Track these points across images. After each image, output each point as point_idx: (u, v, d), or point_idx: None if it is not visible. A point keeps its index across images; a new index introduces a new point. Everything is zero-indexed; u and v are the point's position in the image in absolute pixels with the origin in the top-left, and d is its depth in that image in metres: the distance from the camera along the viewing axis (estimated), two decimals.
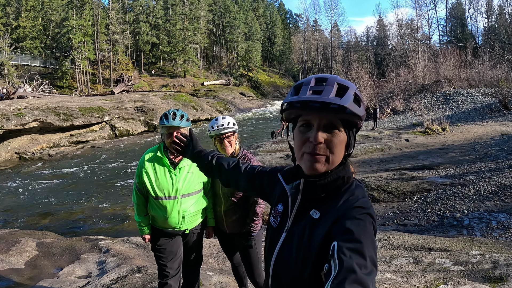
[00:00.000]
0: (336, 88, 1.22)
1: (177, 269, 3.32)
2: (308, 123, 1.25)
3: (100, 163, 18.69)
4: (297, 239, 1.27)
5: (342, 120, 1.23)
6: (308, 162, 1.24)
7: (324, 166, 1.24)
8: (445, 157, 12.19)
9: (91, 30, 47.26)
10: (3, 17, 47.27)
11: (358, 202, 1.20)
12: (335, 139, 1.22)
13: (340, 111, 1.19)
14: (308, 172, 1.26)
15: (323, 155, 1.23)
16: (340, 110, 1.19)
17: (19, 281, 4.80)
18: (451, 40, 59.21)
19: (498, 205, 7.56)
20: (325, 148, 1.22)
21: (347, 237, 1.08)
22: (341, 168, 1.29)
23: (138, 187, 3.27)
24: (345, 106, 1.18)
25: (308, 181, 1.29)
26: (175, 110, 3.18)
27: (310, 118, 1.24)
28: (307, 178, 1.29)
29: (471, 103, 25.69)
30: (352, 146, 1.30)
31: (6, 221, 10.59)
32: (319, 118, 1.22)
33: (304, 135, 1.25)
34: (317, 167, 1.23)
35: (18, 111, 21.99)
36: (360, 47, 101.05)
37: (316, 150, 1.21)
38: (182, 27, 59.88)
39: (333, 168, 1.27)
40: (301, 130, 1.27)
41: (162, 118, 3.15)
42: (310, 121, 1.24)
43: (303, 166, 1.27)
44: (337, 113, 1.20)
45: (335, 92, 1.21)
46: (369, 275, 1.00)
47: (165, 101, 33.93)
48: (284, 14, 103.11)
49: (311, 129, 1.23)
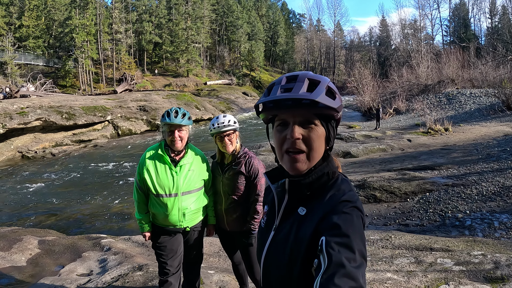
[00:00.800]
0: (307, 84, 1.22)
1: (177, 267, 3.33)
2: (284, 121, 1.25)
3: (103, 162, 18.71)
4: (285, 237, 1.27)
5: (317, 115, 1.23)
6: (289, 162, 1.24)
7: (305, 164, 1.24)
8: (447, 157, 12.18)
9: (94, 30, 47.31)
10: (6, 16, 47.37)
11: (345, 196, 1.19)
12: (312, 134, 1.22)
13: (312, 106, 1.19)
14: (291, 172, 1.27)
15: (303, 153, 1.23)
16: (312, 104, 1.19)
17: (20, 278, 4.82)
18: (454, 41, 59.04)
19: (500, 205, 7.54)
20: (304, 144, 1.22)
21: (335, 232, 1.08)
22: (324, 164, 1.28)
23: (139, 184, 3.28)
24: (316, 100, 1.17)
25: (292, 181, 1.29)
26: (177, 108, 3.19)
27: (285, 117, 1.25)
28: (291, 178, 1.29)
29: (474, 103, 25.65)
30: (333, 139, 1.30)
31: (8, 219, 10.62)
32: (293, 115, 1.22)
33: (281, 134, 1.25)
34: (299, 166, 1.23)
35: (21, 110, 22.04)
36: (363, 47, 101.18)
37: (295, 146, 1.21)
38: (185, 26, 59.92)
39: (316, 165, 1.27)
40: (278, 129, 1.27)
41: (164, 115, 3.16)
42: (285, 119, 1.25)
43: (285, 166, 1.27)
44: (310, 108, 1.20)
45: (306, 87, 1.21)
46: (358, 268, 1.01)
47: (167, 101, 33.95)
48: (287, 14, 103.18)
49: (288, 127, 1.23)
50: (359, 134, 18.22)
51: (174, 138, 3.14)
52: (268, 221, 1.40)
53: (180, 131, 3.17)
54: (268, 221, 1.41)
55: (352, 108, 41.03)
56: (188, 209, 3.25)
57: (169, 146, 3.24)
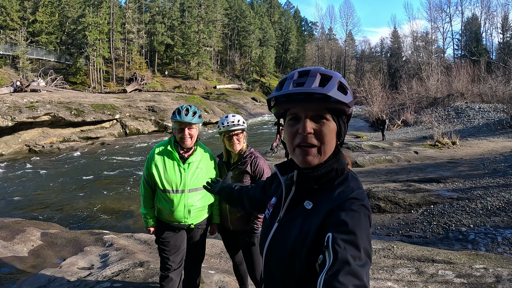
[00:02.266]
0: (319, 79, 1.23)
1: (179, 263, 3.34)
2: (296, 116, 1.26)
3: (109, 160, 18.79)
4: (289, 230, 1.28)
5: (329, 109, 1.24)
6: (300, 156, 1.25)
7: (317, 157, 1.24)
8: (453, 170, 12.12)
9: (106, 28, 47.69)
10: (21, 10, 47.85)
11: (353, 194, 1.20)
12: (324, 128, 1.23)
13: (324, 100, 1.20)
14: (302, 165, 1.27)
15: (315, 147, 1.23)
16: (324, 99, 1.20)
17: (21, 268, 4.85)
18: (465, 54, 58.87)
19: (504, 221, 7.49)
20: (315, 138, 1.23)
21: (342, 229, 1.09)
22: (334, 160, 1.29)
23: (146, 179, 3.30)
24: (328, 95, 1.18)
25: (301, 173, 1.30)
26: (187, 106, 3.21)
27: (297, 111, 1.25)
28: (301, 170, 1.30)
29: (482, 118, 25.50)
30: (344, 134, 1.31)
31: (12, 210, 10.69)
32: (305, 109, 1.23)
33: (293, 128, 1.26)
34: (310, 160, 1.24)
35: (30, 104, 22.24)
36: (374, 57, 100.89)
37: (307, 140, 1.22)
38: (197, 29, 60.27)
39: (326, 159, 1.27)
40: (290, 123, 1.28)
41: (174, 113, 3.19)
42: (297, 113, 1.25)
43: (296, 160, 1.28)
44: (322, 102, 1.21)
45: (318, 82, 1.22)
46: (363, 266, 1.01)
47: (176, 102, 34.11)
48: (300, 21, 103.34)
49: (300, 121, 1.24)
50: (366, 144, 18.18)
51: (184, 136, 3.17)
52: (274, 212, 1.41)
53: (190, 129, 3.20)
54: (273, 213, 1.41)
55: (360, 118, 40.93)
56: (194, 206, 3.27)
57: (178, 143, 3.26)
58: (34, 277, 4.53)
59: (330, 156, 1.28)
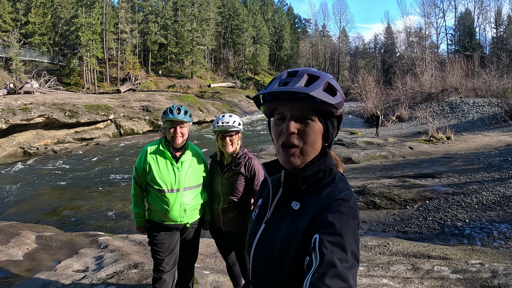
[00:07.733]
0: (305, 79, 1.22)
1: (173, 264, 3.34)
2: (282, 115, 1.25)
3: (104, 161, 18.73)
4: (276, 230, 1.26)
5: (315, 110, 1.22)
6: (282, 156, 1.24)
7: (299, 158, 1.23)
8: (448, 165, 12.15)
9: (99, 29, 47.53)
10: (13, 12, 47.59)
11: (341, 195, 1.18)
12: (308, 129, 1.22)
13: (309, 100, 1.19)
14: (285, 165, 1.26)
15: (297, 148, 1.22)
16: (308, 99, 1.18)
17: (16, 272, 4.82)
18: (459, 49, 59.04)
19: (500, 215, 7.51)
20: (299, 138, 1.22)
21: (329, 231, 1.07)
22: (322, 160, 1.28)
23: (136, 179, 3.31)
24: (311, 95, 1.16)
25: (288, 173, 1.28)
26: (179, 105, 3.24)
27: (282, 110, 1.25)
28: (288, 170, 1.28)
29: (477, 112, 25.62)
30: (332, 136, 1.29)
31: (7, 213, 10.63)
32: (291, 109, 1.22)
33: (279, 127, 1.25)
34: (292, 160, 1.23)
35: (24, 106, 22.09)
36: (368, 54, 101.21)
37: (290, 140, 1.21)
38: (190, 28, 60.17)
39: (313, 160, 1.26)
40: (276, 123, 1.27)
41: (166, 112, 3.21)
42: (283, 113, 1.25)
43: (280, 160, 1.27)
44: (307, 102, 1.19)
45: (303, 82, 1.21)
46: (349, 269, 1.00)
47: (171, 102, 33.98)
48: (293, 18, 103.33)
49: (285, 121, 1.23)
50: (360, 141, 18.19)
51: (176, 134, 3.19)
52: (260, 213, 1.39)
53: (182, 128, 3.22)
54: (260, 213, 1.39)
55: (355, 115, 41.01)
56: (189, 204, 3.28)
57: (169, 142, 3.27)
58: (29, 281, 4.49)
59: (317, 157, 1.27)
